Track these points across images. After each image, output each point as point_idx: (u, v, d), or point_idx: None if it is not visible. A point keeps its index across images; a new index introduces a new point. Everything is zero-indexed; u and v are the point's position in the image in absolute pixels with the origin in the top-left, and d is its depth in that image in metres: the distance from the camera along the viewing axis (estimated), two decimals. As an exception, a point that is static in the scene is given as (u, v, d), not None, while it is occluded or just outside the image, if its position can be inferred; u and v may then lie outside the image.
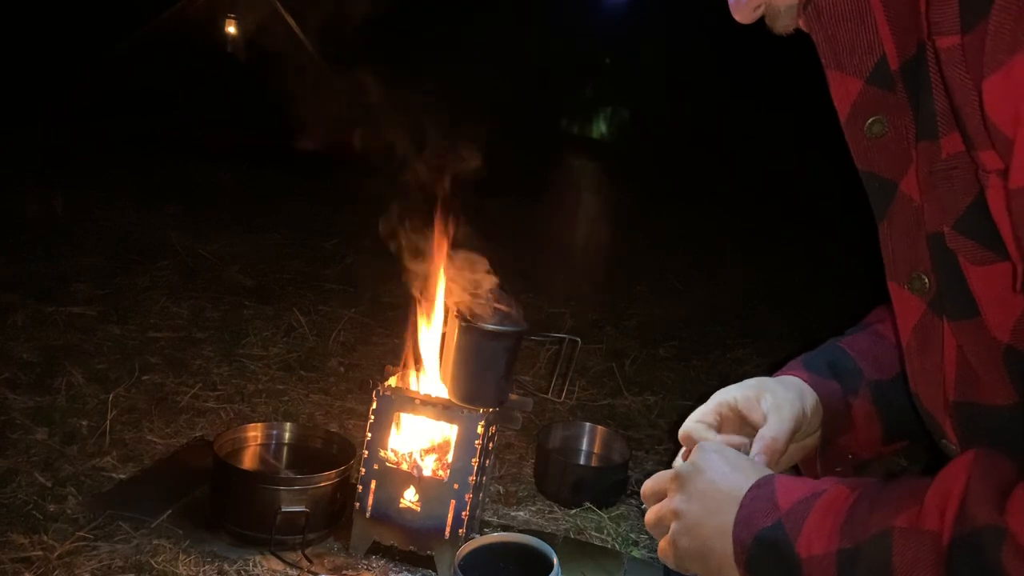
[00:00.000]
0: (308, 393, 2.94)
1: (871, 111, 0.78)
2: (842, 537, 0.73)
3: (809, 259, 6.04)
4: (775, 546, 0.77)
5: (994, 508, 0.65)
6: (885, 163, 0.79)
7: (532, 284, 4.55)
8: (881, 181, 0.81)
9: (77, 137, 6.88)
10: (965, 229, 0.71)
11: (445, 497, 1.93)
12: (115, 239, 4.61)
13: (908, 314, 0.84)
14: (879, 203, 0.82)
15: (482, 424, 1.92)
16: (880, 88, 0.77)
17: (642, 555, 2.13)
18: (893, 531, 0.70)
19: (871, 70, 0.76)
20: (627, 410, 3.14)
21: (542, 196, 6.95)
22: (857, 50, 0.76)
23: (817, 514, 0.76)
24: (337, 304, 3.97)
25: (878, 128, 0.78)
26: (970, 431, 0.84)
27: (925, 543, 0.68)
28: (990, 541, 0.64)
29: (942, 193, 0.73)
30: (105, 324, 3.33)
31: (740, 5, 0.84)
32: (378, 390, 1.99)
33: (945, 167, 0.72)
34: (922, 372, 0.85)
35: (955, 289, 0.75)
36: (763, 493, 0.81)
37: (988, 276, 0.71)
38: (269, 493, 1.95)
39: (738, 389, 1.02)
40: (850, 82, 0.78)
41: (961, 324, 0.76)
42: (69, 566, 1.79)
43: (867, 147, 0.80)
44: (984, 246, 0.70)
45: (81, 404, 2.60)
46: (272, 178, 6.48)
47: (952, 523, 0.67)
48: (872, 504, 0.74)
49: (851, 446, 1.04)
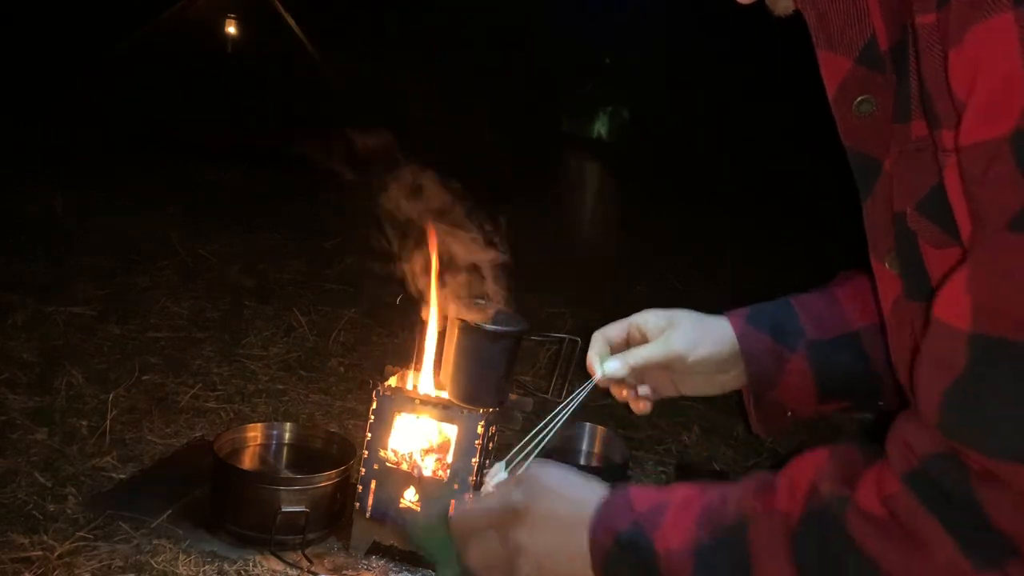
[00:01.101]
0: (308, 393, 2.94)
1: (859, 90, 0.78)
2: (699, 528, 0.74)
3: (809, 259, 6.03)
4: (633, 545, 0.76)
5: (843, 485, 0.68)
6: (871, 142, 0.80)
7: (532, 284, 4.55)
8: (867, 159, 0.81)
9: (77, 137, 6.88)
10: (926, 210, 0.72)
11: (445, 497, 1.93)
12: (115, 239, 4.61)
13: (888, 291, 0.85)
14: (864, 181, 0.83)
15: (482, 424, 1.92)
16: (869, 68, 0.77)
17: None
18: (746, 517, 0.72)
19: (861, 50, 0.77)
20: (627, 410, 3.13)
21: (542, 196, 6.95)
22: (848, 29, 0.77)
23: (673, 511, 0.77)
24: (337, 304, 3.97)
25: (866, 107, 0.78)
26: None
27: (776, 522, 0.70)
28: (836, 508, 0.66)
29: (908, 174, 0.74)
30: (105, 324, 3.33)
31: None
32: (378, 390, 1.99)
33: (913, 148, 0.73)
34: (898, 350, 0.86)
35: (914, 270, 0.76)
36: (617, 500, 0.81)
37: (946, 260, 0.71)
38: (269, 493, 1.94)
39: (653, 313, 1.08)
40: (840, 61, 0.78)
41: (916, 306, 0.77)
42: (69, 566, 1.79)
43: (855, 125, 0.80)
44: (942, 229, 0.71)
45: (81, 404, 2.60)
46: (272, 178, 6.48)
47: (803, 501, 0.69)
48: (726, 497, 0.75)
49: (786, 401, 1.05)
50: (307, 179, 5.84)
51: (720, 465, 2.73)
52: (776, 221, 7.02)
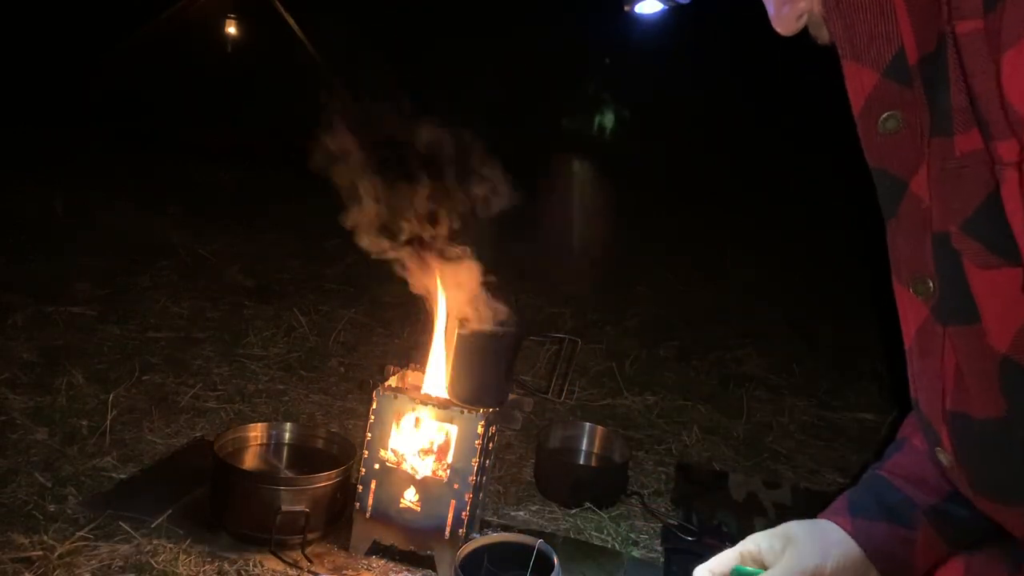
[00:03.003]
0: (308, 393, 2.94)
1: (886, 106, 0.76)
2: None
3: (810, 259, 6.04)
4: None
5: None
6: (897, 161, 0.78)
7: (532, 284, 4.56)
8: (892, 179, 0.79)
9: (77, 137, 6.88)
10: (973, 230, 0.69)
11: (445, 497, 1.93)
12: (115, 239, 4.61)
13: (911, 317, 0.83)
14: (888, 201, 0.81)
15: (482, 424, 1.92)
16: (897, 82, 0.75)
17: (642, 555, 2.13)
18: None
19: (888, 62, 0.74)
20: (627, 410, 3.14)
21: (542, 196, 6.95)
22: (875, 41, 0.74)
23: None
24: (337, 304, 3.97)
25: (892, 124, 0.76)
26: (962, 442, 0.82)
27: None
28: None
29: (951, 192, 0.71)
30: (105, 324, 3.33)
31: (782, 17, 0.82)
32: (378, 390, 1.99)
33: (957, 165, 0.70)
34: (922, 377, 0.84)
35: (956, 293, 0.73)
36: None
37: (993, 281, 0.69)
38: (269, 493, 1.94)
39: (764, 537, 0.98)
40: (866, 74, 0.76)
41: (959, 330, 0.75)
42: (69, 566, 1.78)
43: (879, 143, 0.78)
44: (991, 249, 0.68)
45: (81, 404, 2.60)
46: (272, 178, 6.48)
47: None
48: None
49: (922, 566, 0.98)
50: (307, 179, 5.85)
51: (720, 465, 2.73)
52: (777, 220, 7.03)
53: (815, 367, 3.85)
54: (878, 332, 4.05)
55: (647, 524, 2.27)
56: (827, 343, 4.30)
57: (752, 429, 3.08)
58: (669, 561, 2.07)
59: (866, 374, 3.80)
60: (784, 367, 3.80)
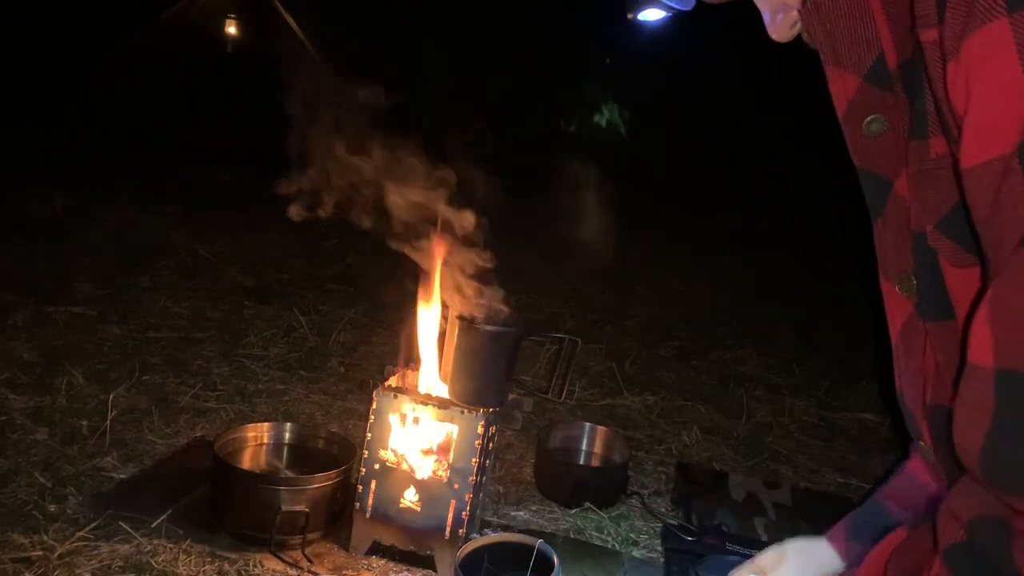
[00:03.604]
0: (308, 393, 2.94)
1: (868, 109, 0.78)
2: None
3: (809, 258, 6.04)
4: None
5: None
6: (882, 162, 0.79)
7: (532, 284, 4.56)
8: (877, 179, 0.81)
9: (77, 137, 6.88)
10: (947, 229, 0.71)
11: (445, 497, 1.93)
12: (115, 239, 4.61)
13: (897, 313, 0.85)
14: (875, 201, 0.83)
15: (482, 424, 1.92)
16: (878, 87, 0.76)
17: (642, 555, 2.12)
18: None
19: (869, 67, 0.76)
20: (627, 410, 3.14)
21: (542, 196, 6.95)
22: (856, 47, 0.76)
23: None
24: (337, 304, 3.97)
25: (876, 127, 0.78)
26: (940, 434, 0.84)
27: None
28: None
29: (928, 193, 0.73)
30: (105, 324, 3.33)
31: (777, 25, 0.84)
32: (378, 390, 1.99)
33: (933, 167, 0.72)
34: (907, 372, 0.86)
35: (934, 290, 0.75)
36: None
37: (966, 279, 0.71)
38: (269, 493, 1.94)
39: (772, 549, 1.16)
40: (848, 78, 0.77)
41: (937, 325, 0.77)
42: (69, 566, 1.79)
43: (865, 145, 0.80)
44: (964, 248, 0.70)
45: (81, 404, 2.60)
46: (272, 178, 6.48)
47: None
48: None
49: None
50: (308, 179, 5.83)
51: (720, 465, 2.73)
52: (776, 220, 7.03)
53: (815, 367, 3.85)
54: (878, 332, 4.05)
55: (647, 524, 2.27)
56: (827, 343, 4.30)
57: (752, 429, 3.08)
58: (669, 561, 2.07)
59: (866, 374, 3.80)
60: (784, 367, 3.80)
